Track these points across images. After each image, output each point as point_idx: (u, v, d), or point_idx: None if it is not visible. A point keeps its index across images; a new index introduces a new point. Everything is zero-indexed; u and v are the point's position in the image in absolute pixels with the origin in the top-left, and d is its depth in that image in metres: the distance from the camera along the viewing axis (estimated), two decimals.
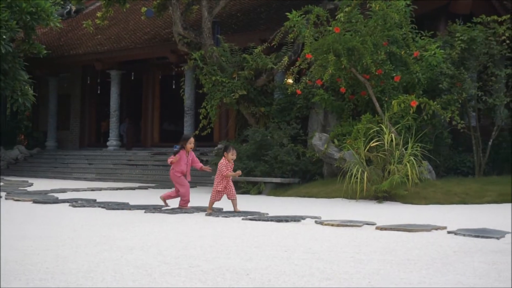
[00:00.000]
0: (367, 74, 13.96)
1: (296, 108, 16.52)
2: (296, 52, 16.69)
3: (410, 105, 13.12)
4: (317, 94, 15.09)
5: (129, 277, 4.56)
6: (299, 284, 4.38)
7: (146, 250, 5.88)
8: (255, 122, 17.25)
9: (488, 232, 7.16)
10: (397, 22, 13.86)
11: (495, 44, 14.53)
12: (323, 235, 7.08)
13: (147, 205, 11.06)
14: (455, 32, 14.60)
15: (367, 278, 4.59)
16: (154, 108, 24.76)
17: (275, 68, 16.70)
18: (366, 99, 14.47)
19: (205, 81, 17.14)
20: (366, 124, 13.07)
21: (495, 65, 14.77)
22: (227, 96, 16.63)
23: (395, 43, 14.35)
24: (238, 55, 17.34)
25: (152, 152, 22.46)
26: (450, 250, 6.01)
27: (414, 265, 5.15)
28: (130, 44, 23.44)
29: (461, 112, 14.60)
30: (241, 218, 9.02)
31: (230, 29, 20.20)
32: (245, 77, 16.75)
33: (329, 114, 15.89)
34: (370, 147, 12.51)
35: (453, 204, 11.65)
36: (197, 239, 6.66)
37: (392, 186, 11.90)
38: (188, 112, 21.61)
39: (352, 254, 5.68)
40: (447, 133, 14.68)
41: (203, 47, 17.54)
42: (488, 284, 4.42)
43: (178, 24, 18.14)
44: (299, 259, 5.38)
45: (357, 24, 13.98)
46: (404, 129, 13.17)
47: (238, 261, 5.28)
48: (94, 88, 26.49)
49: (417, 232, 7.38)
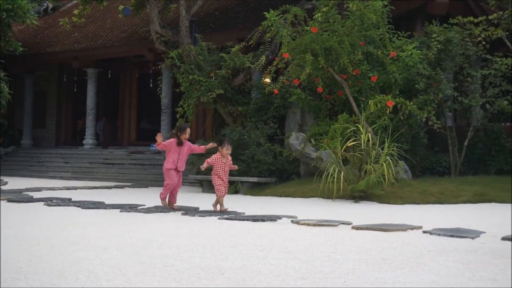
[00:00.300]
0: (344, 74, 14.00)
1: (273, 107, 16.50)
2: (273, 52, 16.69)
3: (387, 105, 13.19)
4: (294, 93, 15.09)
5: (103, 277, 4.53)
6: (274, 283, 4.37)
7: (121, 249, 5.84)
8: (232, 121, 17.22)
9: (463, 232, 7.20)
10: (374, 22, 13.89)
11: (471, 45, 14.64)
12: (299, 235, 7.08)
13: (123, 204, 10.98)
14: (432, 33, 14.69)
15: (342, 277, 4.60)
16: (131, 107, 24.58)
17: (252, 68, 16.69)
18: (343, 99, 14.49)
19: (182, 80, 17.08)
20: (343, 124, 13.11)
21: (471, 66, 14.89)
22: (204, 95, 16.57)
23: (372, 43, 14.42)
24: (216, 54, 17.28)
25: (128, 151, 22.31)
26: (425, 249, 6.03)
27: (389, 264, 5.16)
28: (107, 42, 23.24)
29: (437, 113, 14.69)
30: (217, 218, 9.00)
31: (207, 28, 20.11)
32: (223, 76, 16.71)
33: (306, 113, 15.89)
34: (347, 146, 12.56)
35: (429, 204, 11.72)
36: (172, 239, 6.63)
37: (369, 185, 11.95)
38: (165, 111, 21.50)
39: (327, 254, 5.68)
40: (423, 133, 14.76)
41: (180, 46, 17.47)
42: (463, 284, 4.44)
43: (156, 22, 18.06)
44: (275, 259, 5.37)
45: (335, 24, 13.99)
46: (381, 129, 13.24)
47: (214, 260, 5.26)
48: (70, 86, 26.23)
49: (393, 231, 7.41)
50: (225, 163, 9.82)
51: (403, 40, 14.59)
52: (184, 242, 6.35)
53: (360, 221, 8.42)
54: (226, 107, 17.16)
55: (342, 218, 8.69)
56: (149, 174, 19.80)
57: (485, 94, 14.81)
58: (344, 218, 8.68)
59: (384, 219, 8.80)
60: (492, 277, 4.70)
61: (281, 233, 7.25)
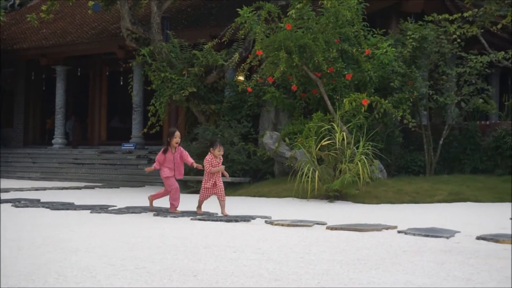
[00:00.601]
0: (318, 72, 13.92)
1: (247, 106, 16.42)
2: (247, 49, 16.61)
3: (362, 103, 13.15)
4: (268, 91, 15.00)
5: (72, 279, 4.48)
6: (247, 285, 4.35)
7: (91, 251, 5.78)
8: (205, 120, 17.08)
9: (438, 232, 7.23)
10: (349, 19, 13.83)
11: (446, 43, 14.66)
12: (273, 235, 7.08)
13: (93, 205, 10.89)
14: (407, 31, 14.69)
15: (316, 278, 4.58)
16: (101, 105, 24.38)
17: (225, 65, 16.58)
18: (317, 97, 14.41)
19: (154, 78, 16.89)
20: (317, 122, 13.06)
21: (446, 64, 14.93)
22: (176, 93, 16.40)
23: (347, 40, 14.36)
24: (188, 51, 17.12)
25: (99, 151, 22.12)
26: (400, 249, 6.03)
27: (364, 265, 5.15)
28: (77, 39, 22.98)
29: (412, 111, 14.70)
30: (190, 218, 8.95)
31: (180, 24, 19.96)
32: (195, 74, 16.54)
33: (280, 112, 15.86)
34: (322, 145, 12.49)
35: (404, 203, 11.74)
36: (144, 240, 6.62)
37: (343, 185, 11.89)
38: (136, 109, 21.32)
39: (302, 255, 5.66)
40: (398, 132, 14.77)
41: (152, 43, 17.27)
42: (437, 284, 4.43)
43: (126, 19, 17.84)
44: (248, 260, 5.35)
45: (309, 21, 13.90)
46: (356, 128, 13.20)
47: (186, 262, 5.22)
48: (38, 84, 25.90)
49: (368, 231, 7.42)
50: (218, 163, 9.54)
51: (378, 38, 14.58)
52: (156, 244, 6.30)
53: (334, 221, 8.43)
54: (199, 105, 17.02)
55: (316, 218, 8.69)
56: (120, 174, 19.62)
57: (460, 92, 14.83)
58: (318, 218, 8.69)
59: (359, 219, 8.84)
60: (466, 277, 4.69)
61: (255, 234, 7.23)
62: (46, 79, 25.39)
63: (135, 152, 20.58)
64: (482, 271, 4.93)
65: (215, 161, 9.51)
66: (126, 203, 11.06)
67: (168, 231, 7.44)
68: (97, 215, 9.41)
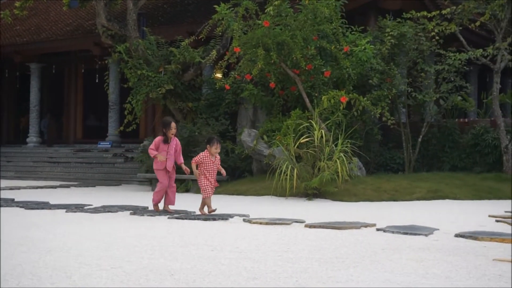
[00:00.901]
0: (297, 69, 13.87)
1: (224, 103, 16.32)
2: (224, 46, 16.54)
3: (340, 100, 13.11)
4: (246, 89, 14.91)
5: (47, 280, 4.39)
6: (225, 284, 4.30)
7: (66, 251, 5.69)
8: (182, 118, 16.96)
9: (417, 229, 7.21)
10: (327, 16, 13.80)
11: (424, 40, 14.69)
12: (251, 234, 7.00)
13: (68, 204, 10.70)
14: (385, 28, 14.72)
15: (295, 277, 4.55)
16: (77, 103, 24.26)
17: (203, 62, 16.48)
18: (296, 94, 14.36)
19: (130, 75, 16.74)
20: (296, 120, 13.00)
21: (425, 61, 14.97)
22: (153, 90, 16.27)
23: (325, 37, 14.31)
24: (165, 49, 17.02)
25: (74, 149, 22.01)
26: (379, 247, 6.01)
27: (342, 263, 5.13)
28: (51, 36, 22.78)
29: (391, 108, 14.73)
30: (167, 217, 8.85)
31: (156, 21, 19.83)
32: (172, 71, 16.43)
33: (258, 109, 15.84)
34: (300, 143, 12.42)
35: (383, 201, 11.76)
36: (120, 239, 6.49)
37: (322, 183, 11.84)
38: (112, 107, 21.16)
39: (280, 253, 5.62)
40: (377, 129, 14.79)
41: (128, 40, 17.10)
42: (416, 282, 4.41)
43: (102, 15, 17.67)
44: (226, 259, 5.30)
45: (287, 18, 13.84)
46: (334, 125, 13.17)
47: (163, 261, 5.15)
48: (12, 81, 25.68)
49: (346, 229, 7.39)
50: (213, 161, 9.24)
51: (356, 35, 14.58)
52: (132, 243, 6.21)
53: (313, 219, 8.38)
54: (176, 103, 16.90)
55: (295, 216, 8.65)
56: (96, 173, 19.45)
57: (438, 89, 14.86)
58: (297, 216, 8.64)
59: (337, 216, 8.79)
60: (445, 274, 4.68)
61: (233, 232, 7.16)
62: (20, 77, 25.18)
63: (111, 151, 20.42)
64: (460, 268, 4.92)
65: (209, 159, 9.19)
66: (102, 202, 10.92)
67: (145, 230, 7.33)
68: (72, 214, 9.26)
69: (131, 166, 18.61)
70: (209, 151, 9.15)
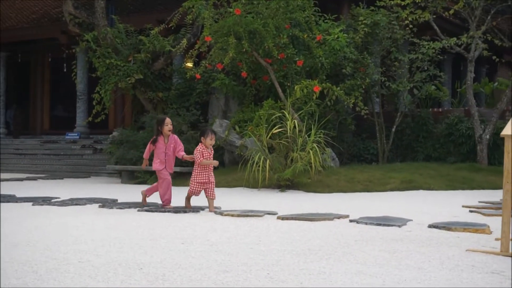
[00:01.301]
0: (269, 58, 13.73)
1: (195, 93, 16.17)
2: (195, 35, 16.41)
3: (313, 90, 13.03)
4: (217, 78, 14.78)
5: (12, 275, 4.33)
6: (195, 277, 4.27)
7: (32, 245, 5.60)
8: (152, 108, 16.78)
9: (390, 220, 7.23)
10: (300, 4, 13.72)
11: (398, 29, 14.64)
12: (222, 226, 6.96)
13: (35, 197, 10.50)
14: (359, 16, 14.65)
15: (266, 269, 4.53)
16: (44, 93, 23.97)
17: (173, 51, 16.29)
18: (268, 84, 14.23)
19: (98, 64, 16.47)
20: (268, 110, 12.88)
21: (398, 50, 14.95)
22: (122, 80, 16.02)
23: (298, 26, 14.19)
24: (134, 37, 16.77)
25: (42, 140, 21.63)
26: (352, 238, 6.02)
27: (315, 255, 5.13)
28: (17, 24, 22.44)
29: (364, 98, 14.71)
30: (137, 210, 8.74)
31: (125, 9, 19.58)
32: (142, 60, 16.20)
33: (230, 99, 15.71)
34: (273, 134, 12.29)
35: (357, 192, 11.75)
36: (88, 233, 6.40)
37: (295, 174, 11.76)
38: (80, 97, 20.85)
39: (251, 245, 5.61)
40: (350, 119, 14.76)
41: (96, 28, 16.76)
42: (389, 273, 4.43)
43: (69, 2, 17.34)
44: (197, 251, 5.27)
45: (259, 6, 13.66)
46: (307, 115, 13.08)
47: (132, 255, 5.10)
48: None
49: (319, 221, 7.38)
50: (210, 154, 8.91)
51: (329, 23, 14.51)
52: (100, 236, 6.15)
53: (286, 210, 8.36)
54: (146, 93, 16.69)
55: (267, 208, 8.61)
56: (64, 165, 19.15)
57: (412, 79, 14.82)
58: (269, 208, 8.61)
59: (310, 208, 8.80)
60: (418, 265, 4.71)
61: (204, 225, 7.07)
62: None
63: (79, 142, 20.11)
64: (433, 259, 4.94)
65: (206, 152, 8.82)
66: (70, 195, 10.78)
67: (114, 223, 7.23)
68: (39, 208, 9.09)
69: (100, 158, 18.31)
70: (204, 144, 8.81)
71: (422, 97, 15.17)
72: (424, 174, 12.73)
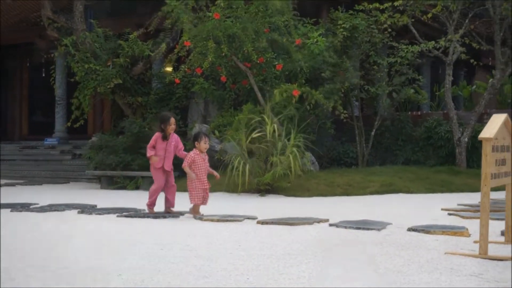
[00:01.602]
0: (248, 62, 13.73)
1: (175, 98, 16.13)
2: (174, 39, 16.32)
3: (293, 94, 13.03)
4: (197, 83, 14.76)
5: None
6: (174, 283, 4.27)
7: (9, 252, 5.56)
8: (131, 113, 16.69)
9: (370, 224, 7.28)
10: (279, 8, 13.62)
11: (377, 32, 14.70)
12: (202, 231, 6.97)
13: (14, 203, 10.41)
14: (338, 20, 14.69)
15: (246, 274, 4.55)
16: (22, 98, 23.67)
17: (152, 56, 16.25)
18: (247, 88, 14.25)
19: (77, 69, 16.33)
20: (247, 114, 12.87)
21: (377, 54, 15.01)
22: (101, 85, 15.92)
23: (277, 30, 14.19)
24: (113, 41, 16.67)
25: (20, 146, 21.38)
26: (332, 243, 6.02)
27: (294, 259, 5.13)
28: None
29: (344, 102, 14.74)
30: (116, 215, 8.70)
31: (104, 13, 19.39)
32: (121, 65, 16.09)
33: (209, 104, 15.72)
34: (252, 138, 12.30)
35: (336, 195, 11.77)
36: (66, 239, 6.43)
37: (275, 178, 11.77)
38: (59, 102, 20.64)
39: (231, 250, 5.61)
40: (330, 123, 14.78)
41: (74, 32, 16.66)
42: (368, 277, 4.44)
43: (47, 7, 17.27)
44: (176, 257, 5.26)
45: (238, 10, 13.63)
46: (287, 120, 13.08)
47: (110, 261, 5.09)
48: None
49: (299, 225, 7.41)
50: (204, 159, 8.79)
51: (308, 27, 14.53)
52: (79, 242, 6.14)
53: (265, 215, 8.35)
54: (125, 97, 16.61)
55: (247, 213, 8.62)
56: (43, 171, 18.94)
57: (391, 82, 14.89)
58: (249, 213, 8.61)
59: (290, 212, 8.82)
60: (397, 269, 4.73)
61: (183, 230, 7.09)
62: None
63: (58, 147, 19.91)
64: (412, 262, 4.96)
65: (199, 157, 8.69)
66: (49, 201, 10.70)
67: (92, 229, 7.23)
68: (17, 214, 9.02)
69: (79, 163, 18.14)
70: (198, 148, 8.71)
71: (401, 100, 15.26)
72: (403, 177, 12.78)
